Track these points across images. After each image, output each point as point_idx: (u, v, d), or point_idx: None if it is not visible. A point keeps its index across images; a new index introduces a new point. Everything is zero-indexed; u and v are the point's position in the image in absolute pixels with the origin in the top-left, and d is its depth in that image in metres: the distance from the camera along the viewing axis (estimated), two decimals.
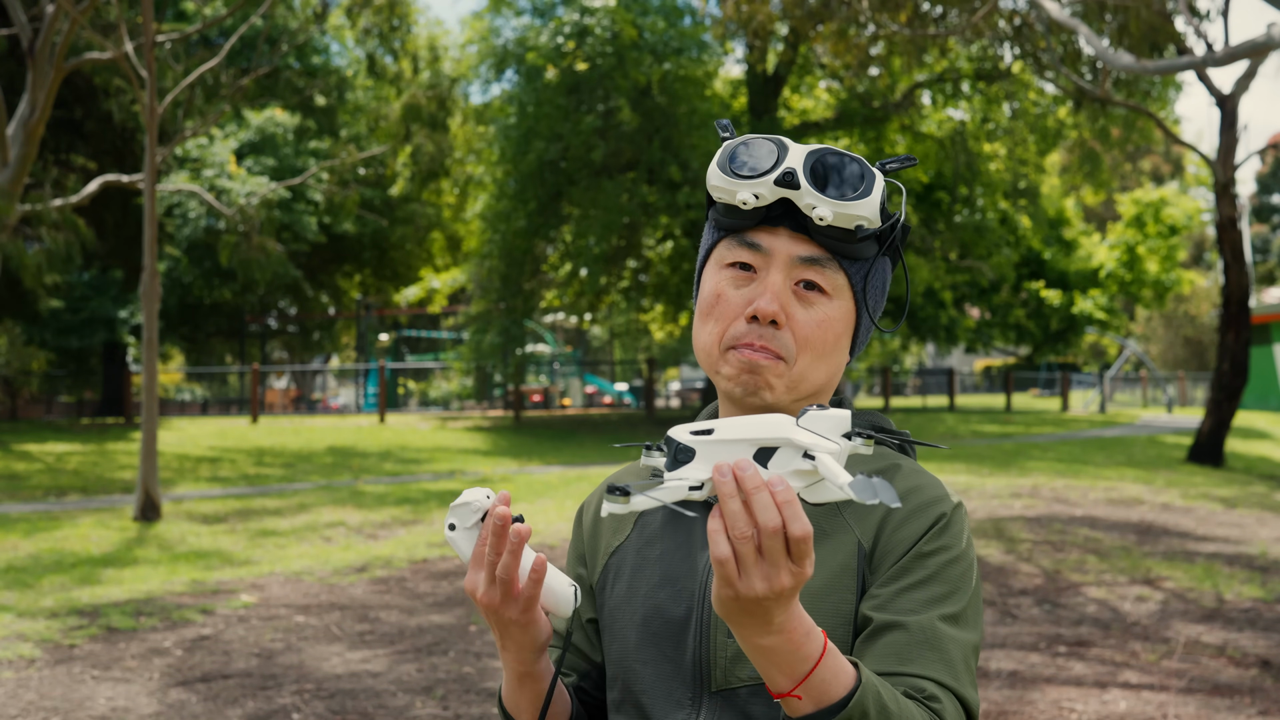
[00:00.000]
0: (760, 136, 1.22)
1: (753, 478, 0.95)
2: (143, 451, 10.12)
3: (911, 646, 1.13)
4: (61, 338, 23.91)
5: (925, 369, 42.83)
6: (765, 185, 1.18)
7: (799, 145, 1.19)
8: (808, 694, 1.03)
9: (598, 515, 1.39)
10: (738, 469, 0.96)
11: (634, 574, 1.28)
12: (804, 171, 1.17)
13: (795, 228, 1.20)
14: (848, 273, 1.23)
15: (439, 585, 7.33)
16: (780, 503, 0.95)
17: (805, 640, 1.02)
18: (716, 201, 1.25)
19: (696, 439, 0.99)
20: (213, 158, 23.06)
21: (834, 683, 1.03)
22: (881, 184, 1.19)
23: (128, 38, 11.50)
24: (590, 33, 18.52)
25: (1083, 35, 10.55)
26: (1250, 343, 16.35)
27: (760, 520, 0.94)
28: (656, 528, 1.30)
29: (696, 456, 0.99)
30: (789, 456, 0.98)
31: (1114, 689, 5.03)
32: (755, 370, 1.21)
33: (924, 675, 1.12)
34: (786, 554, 0.96)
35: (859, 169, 1.18)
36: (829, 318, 1.22)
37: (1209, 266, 52.02)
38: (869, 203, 1.17)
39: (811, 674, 1.02)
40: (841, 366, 1.27)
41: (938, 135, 23.35)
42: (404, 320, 37.37)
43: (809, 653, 1.02)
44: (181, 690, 5.04)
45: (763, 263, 1.22)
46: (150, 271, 10.59)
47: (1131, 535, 9.25)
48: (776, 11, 14.83)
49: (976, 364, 56.08)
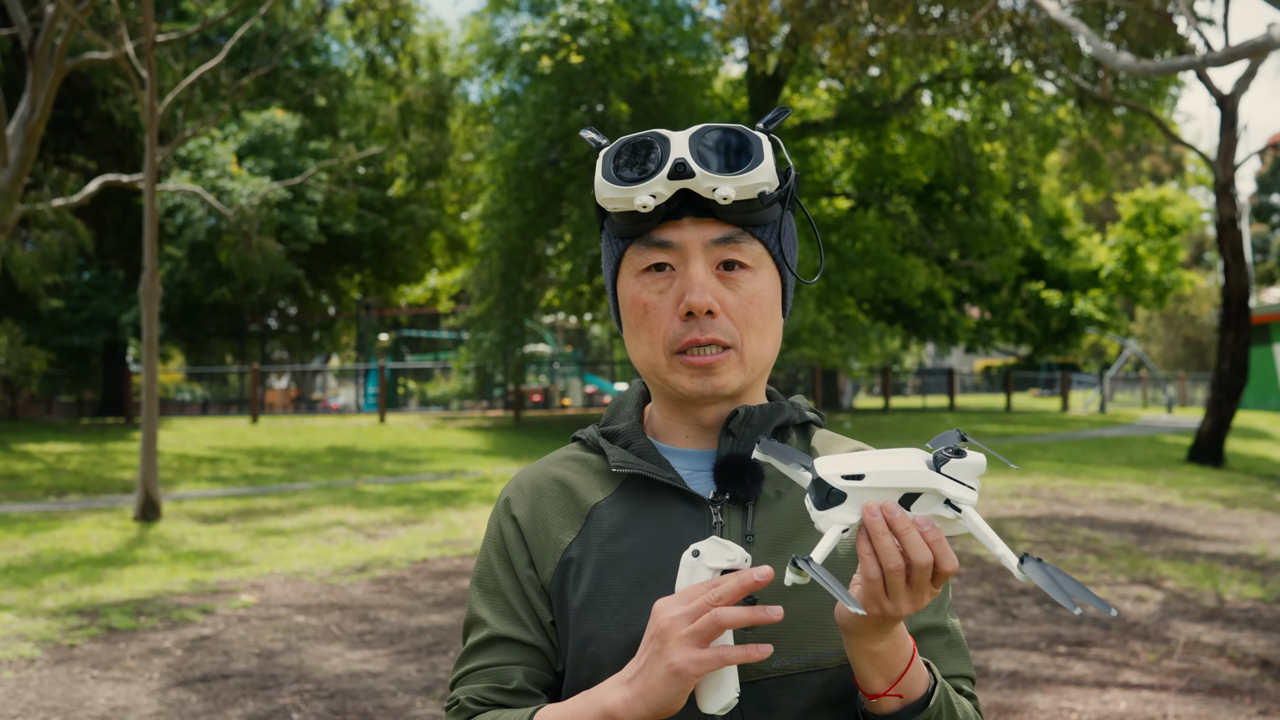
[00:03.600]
0: (636, 136, 1.19)
1: (902, 519, 1.02)
2: (143, 451, 10.12)
3: (945, 648, 1.25)
4: (62, 338, 23.92)
5: (925, 369, 42.82)
6: (659, 183, 1.16)
7: (676, 133, 1.18)
8: (901, 692, 1.12)
9: (536, 509, 1.28)
10: (887, 510, 1.03)
11: (600, 570, 1.21)
12: (694, 157, 1.16)
13: (698, 213, 1.19)
14: (762, 239, 1.22)
15: (439, 585, 7.33)
16: (931, 541, 1.02)
17: (904, 644, 1.11)
18: (611, 212, 1.22)
19: (848, 484, 1.05)
20: (214, 158, 23.07)
21: (919, 680, 1.13)
22: (768, 145, 1.18)
23: (128, 38, 11.50)
24: (586, 26, 18.53)
25: (1082, 35, 10.55)
26: (1250, 343, 16.35)
27: (914, 557, 1.02)
28: (619, 520, 1.24)
29: (847, 500, 1.05)
30: (931, 501, 1.05)
31: (1114, 689, 5.03)
32: (710, 372, 1.21)
33: (959, 674, 1.26)
34: (930, 582, 1.04)
35: (744, 137, 1.17)
36: (758, 291, 1.21)
37: (1209, 266, 52.01)
38: (765, 167, 1.17)
39: (904, 675, 1.11)
40: (780, 333, 1.27)
41: (938, 135, 23.36)
42: (404, 320, 37.37)
43: (905, 654, 1.11)
44: (181, 690, 5.04)
45: (677, 258, 1.20)
46: (150, 271, 10.59)
47: (1131, 535, 9.25)
48: (776, 13, 14.82)
49: (976, 364, 56.10)
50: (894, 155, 23.36)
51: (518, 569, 1.26)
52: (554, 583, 1.24)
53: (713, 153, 1.16)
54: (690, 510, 1.22)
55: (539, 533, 1.27)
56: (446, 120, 24.42)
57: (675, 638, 1.05)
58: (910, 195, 25.88)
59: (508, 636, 1.23)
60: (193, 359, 34.27)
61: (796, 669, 1.16)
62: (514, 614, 1.25)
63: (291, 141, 25.04)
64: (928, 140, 23.07)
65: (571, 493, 1.28)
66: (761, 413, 1.25)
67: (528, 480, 1.32)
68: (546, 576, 1.25)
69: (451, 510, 10.84)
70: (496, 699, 1.22)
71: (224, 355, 35.61)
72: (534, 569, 1.26)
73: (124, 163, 22.67)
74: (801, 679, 1.16)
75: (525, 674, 1.22)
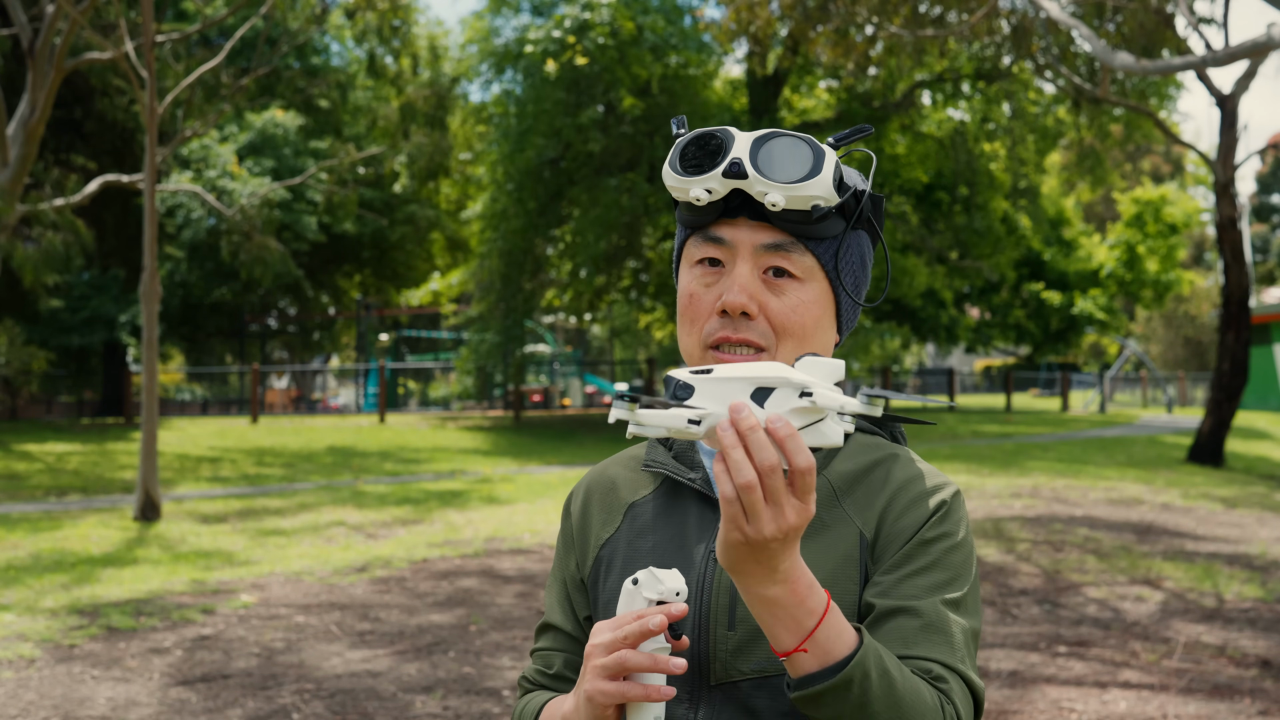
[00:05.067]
0: (707, 130, 1.21)
1: (747, 418, 0.96)
2: (143, 451, 10.12)
3: (917, 631, 1.14)
4: (62, 337, 23.92)
5: (925, 369, 42.83)
6: (715, 179, 1.17)
7: (745, 133, 1.18)
8: (813, 649, 1.03)
9: (586, 506, 1.37)
10: (733, 412, 0.96)
11: (626, 566, 1.26)
12: (750, 159, 1.16)
13: (754, 216, 1.20)
14: (815, 253, 1.22)
15: (439, 585, 7.33)
16: (780, 439, 0.96)
17: (809, 593, 1.03)
18: (678, 201, 1.24)
19: (695, 377, 1.01)
20: (215, 158, 23.07)
21: (838, 641, 1.04)
22: (834, 160, 1.18)
23: (128, 38, 11.50)
24: (591, 27, 18.52)
25: (1082, 35, 10.55)
26: (1250, 343, 16.34)
27: (759, 460, 0.95)
28: (648, 519, 1.29)
29: (695, 393, 1.00)
30: (786, 396, 0.99)
31: (1114, 689, 5.03)
32: None
33: (930, 658, 1.13)
34: (790, 491, 0.97)
35: (807, 148, 1.17)
36: (803, 302, 1.21)
37: (1209, 266, 52.01)
38: (820, 181, 1.16)
39: (817, 629, 1.03)
40: (828, 350, 1.27)
41: (938, 135, 23.36)
42: (404, 320, 37.37)
43: (813, 606, 1.03)
44: (182, 690, 5.04)
45: (728, 255, 1.21)
46: (150, 271, 10.59)
47: (1131, 535, 9.24)
48: (775, 14, 14.82)
49: (976, 364, 56.09)
50: (894, 155, 23.37)
51: (566, 563, 1.37)
52: (590, 578, 1.32)
53: (771, 158, 1.17)
54: (705, 511, 1.26)
55: (584, 529, 1.36)
56: (446, 120, 24.43)
57: (590, 666, 1.10)
58: (910, 195, 25.88)
59: (555, 625, 1.35)
60: (193, 359, 34.28)
61: (773, 671, 1.17)
62: (563, 604, 1.36)
63: (292, 141, 25.04)
64: (928, 140, 23.06)
65: (616, 491, 1.35)
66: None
67: (588, 477, 1.40)
68: (585, 571, 1.33)
69: (452, 510, 10.84)
70: (541, 681, 1.33)
71: (224, 355, 35.61)
72: (577, 564, 1.35)
73: (124, 163, 22.67)
74: (778, 681, 1.16)
75: (565, 661, 1.33)
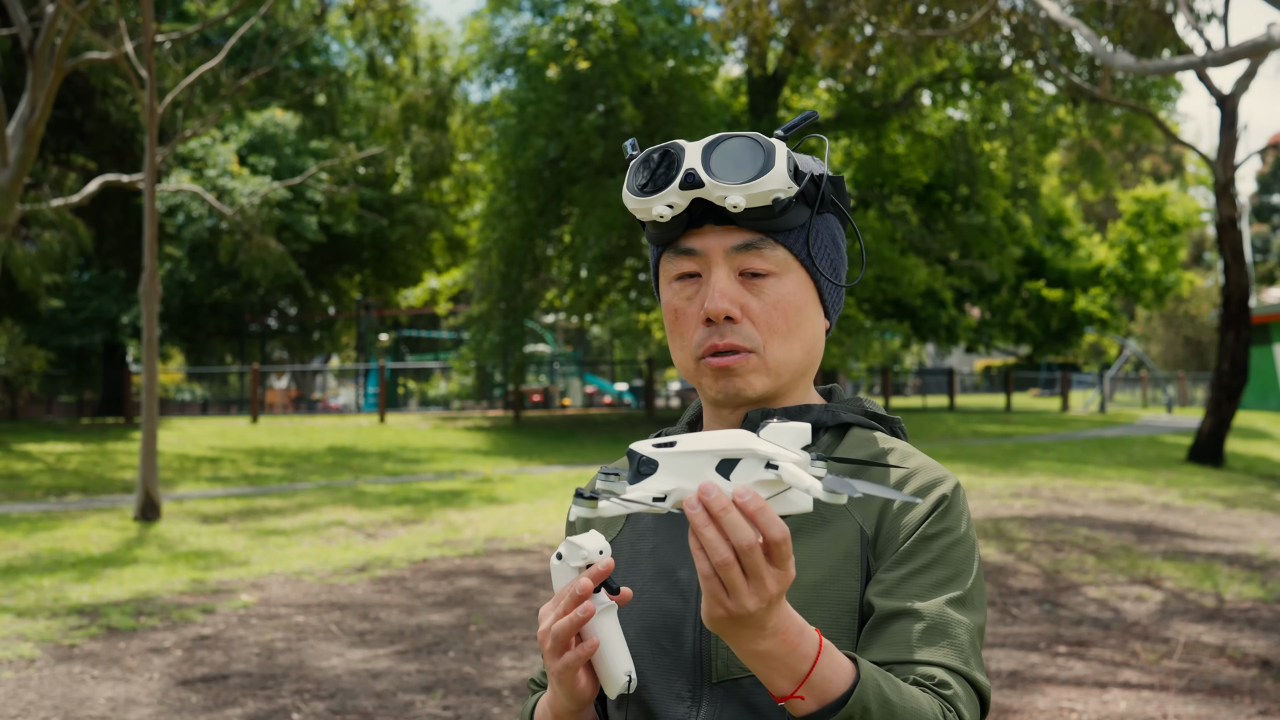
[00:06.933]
0: (656, 147, 1.23)
1: (719, 499, 0.96)
2: (143, 451, 10.12)
3: (921, 633, 1.14)
4: (61, 338, 23.91)
5: (925, 369, 42.81)
6: (673, 193, 1.19)
7: (693, 143, 1.20)
8: (810, 693, 1.03)
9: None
10: (703, 494, 0.96)
11: (628, 569, 1.28)
12: (703, 167, 1.18)
13: (720, 221, 1.21)
14: (786, 245, 1.23)
15: (439, 585, 7.33)
16: (751, 513, 0.96)
17: (800, 639, 1.02)
18: (643, 222, 1.26)
19: (659, 451, 1.01)
20: (215, 158, 23.06)
21: (834, 679, 1.04)
22: (785, 151, 1.19)
23: (128, 38, 11.51)
24: (593, 29, 18.52)
25: (1082, 35, 10.55)
26: (1250, 343, 16.34)
27: (735, 540, 0.95)
28: (649, 521, 1.30)
29: (659, 469, 1.00)
30: (752, 467, 0.98)
31: (1114, 689, 5.04)
32: (730, 374, 1.22)
33: (935, 662, 1.13)
34: (768, 563, 0.97)
35: (756, 145, 1.18)
36: (782, 296, 1.22)
37: (1209, 266, 52.01)
38: (776, 174, 1.17)
39: (811, 673, 1.03)
40: (819, 338, 1.28)
41: (938, 135, 23.35)
42: (404, 320, 37.37)
43: (806, 651, 1.02)
44: (182, 690, 5.04)
45: (703, 265, 1.23)
46: (150, 271, 10.59)
47: (1131, 535, 9.24)
48: (775, 15, 14.81)
49: (976, 364, 56.08)
50: (894, 155, 23.37)
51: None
52: None
53: (723, 162, 1.18)
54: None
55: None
56: (447, 120, 24.42)
57: (544, 648, 1.14)
58: (910, 195, 25.87)
59: None
60: (193, 359, 34.26)
61: None
62: None
63: (292, 141, 25.03)
64: (928, 140, 23.06)
65: None
66: (784, 415, 1.26)
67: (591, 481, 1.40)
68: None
69: (452, 510, 10.84)
70: (544, 682, 1.36)
71: (224, 355, 35.60)
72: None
73: (124, 163, 22.65)
74: None
75: None
